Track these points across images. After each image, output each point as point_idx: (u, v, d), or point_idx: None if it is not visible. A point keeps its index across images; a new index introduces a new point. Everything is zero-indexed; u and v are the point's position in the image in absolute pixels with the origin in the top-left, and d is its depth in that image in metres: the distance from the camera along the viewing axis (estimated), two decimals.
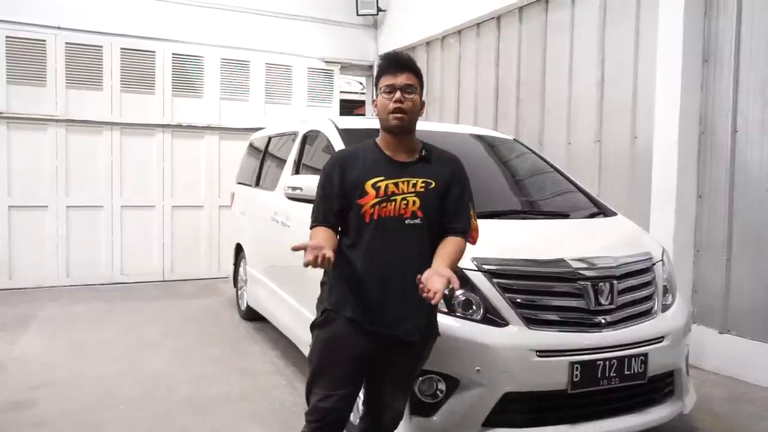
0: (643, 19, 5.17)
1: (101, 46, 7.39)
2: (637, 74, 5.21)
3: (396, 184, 2.31)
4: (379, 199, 2.29)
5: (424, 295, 2.04)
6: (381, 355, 2.36)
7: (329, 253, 2.06)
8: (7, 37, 6.95)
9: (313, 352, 2.39)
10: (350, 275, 2.32)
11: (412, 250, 2.31)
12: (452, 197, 2.39)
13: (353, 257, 2.32)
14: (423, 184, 2.33)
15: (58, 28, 7.16)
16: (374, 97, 2.49)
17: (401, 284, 2.28)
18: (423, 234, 2.33)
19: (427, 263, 2.24)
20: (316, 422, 2.30)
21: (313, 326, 2.43)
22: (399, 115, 2.31)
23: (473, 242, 2.48)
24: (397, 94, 2.30)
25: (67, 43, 7.22)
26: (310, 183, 3.33)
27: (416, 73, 2.37)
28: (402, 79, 2.31)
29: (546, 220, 3.68)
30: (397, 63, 2.35)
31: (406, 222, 2.30)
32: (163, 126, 7.78)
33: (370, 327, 2.30)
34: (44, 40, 7.11)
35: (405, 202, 2.30)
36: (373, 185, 2.30)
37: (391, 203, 2.29)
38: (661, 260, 3.37)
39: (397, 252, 2.30)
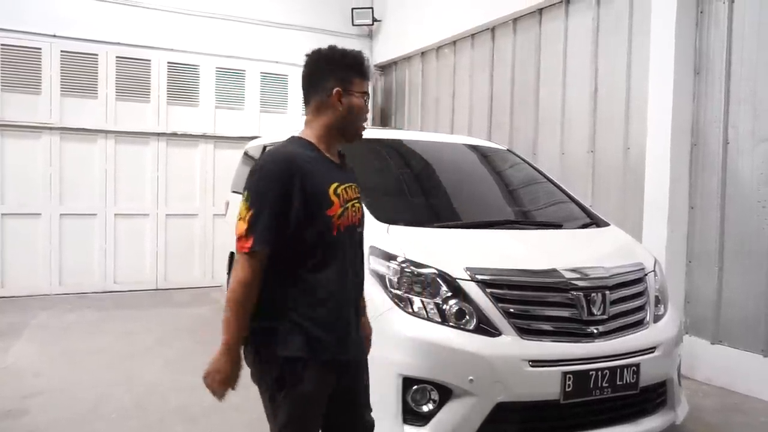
0: (635, 31, 5.22)
1: (97, 55, 7.40)
2: (630, 85, 5.25)
3: (345, 190, 1.99)
4: (342, 209, 1.95)
5: None
6: (347, 383, 2.05)
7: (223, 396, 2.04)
8: (2, 44, 6.95)
9: (280, 416, 1.96)
10: (316, 304, 1.92)
11: (361, 263, 2.11)
12: None
13: (318, 280, 1.93)
14: (357, 189, 2.08)
15: (54, 36, 7.16)
16: (338, 89, 1.98)
17: (357, 301, 2.08)
18: (362, 242, 2.13)
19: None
20: None
21: (279, 384, 1.98)
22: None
23: None
24: (368, 104, 2.08)
25: (62, 51, 7.22)
26: None
27: None
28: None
29: (539, 231, 3.70)
30: (369, 71, 2.10)
31: (357, 230, 2.06)
32: (158, 134, 7.77)
33: (344, 357, 1.99)
34: (39, 48, 7.11)
35: (354, 208, 2.02)
36: (335, 192, 1.94)
37: (349, 211, 1.99)
38: (653, 271, 3.39)
39: (353, 266, 2.04)
